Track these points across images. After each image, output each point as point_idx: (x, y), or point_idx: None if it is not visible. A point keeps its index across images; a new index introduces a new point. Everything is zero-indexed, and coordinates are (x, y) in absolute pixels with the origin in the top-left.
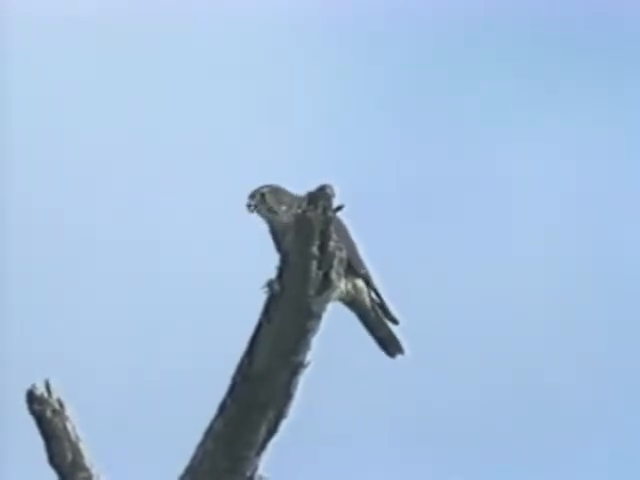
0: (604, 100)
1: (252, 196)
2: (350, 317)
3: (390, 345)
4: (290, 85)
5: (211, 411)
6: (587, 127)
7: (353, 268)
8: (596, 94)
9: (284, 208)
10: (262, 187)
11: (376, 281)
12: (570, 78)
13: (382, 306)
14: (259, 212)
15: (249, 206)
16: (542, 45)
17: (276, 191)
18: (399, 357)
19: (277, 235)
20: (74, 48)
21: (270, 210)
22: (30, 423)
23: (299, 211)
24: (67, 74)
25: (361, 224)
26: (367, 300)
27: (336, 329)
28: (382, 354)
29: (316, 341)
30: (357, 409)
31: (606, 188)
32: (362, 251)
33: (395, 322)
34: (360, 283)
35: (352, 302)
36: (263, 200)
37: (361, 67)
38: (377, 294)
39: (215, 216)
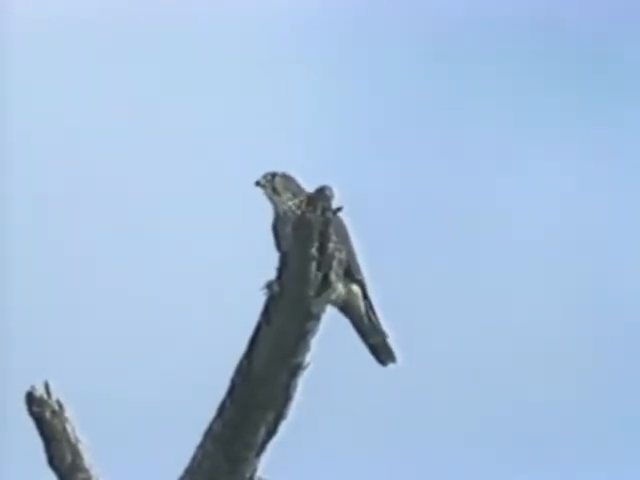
0: (605, 132)
1: (264, 175)
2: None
3: (382, 353)
4: (290, 85)
5: (210, 412)
6: (587, 159)
7: (349, 272)
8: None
9: (289, 195)
10: (275, 171)
11: (370, 291)
12: (571, 110)
13: (375, 317)
14: (264, 190)
15: (258, 183)
16: (543, 78)
17: (287, 178)
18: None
19: (277, 224)
20: (74, 48)
21: (275, 192)
22: (29, 424)
23: (299, 212)
24: (67, 74)
25: (360, 227)
26: (361, 306)
27: (336, 330)
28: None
29: (315, 343)
30: (357, 410)
31: (607, 220)
32: (360, 257)
33: (385, 335)
34: (355, 288)
35: (344, 306)
36: (272, 180)
37: (362, 71)
38: (370, 305)
39: (215, 217)
